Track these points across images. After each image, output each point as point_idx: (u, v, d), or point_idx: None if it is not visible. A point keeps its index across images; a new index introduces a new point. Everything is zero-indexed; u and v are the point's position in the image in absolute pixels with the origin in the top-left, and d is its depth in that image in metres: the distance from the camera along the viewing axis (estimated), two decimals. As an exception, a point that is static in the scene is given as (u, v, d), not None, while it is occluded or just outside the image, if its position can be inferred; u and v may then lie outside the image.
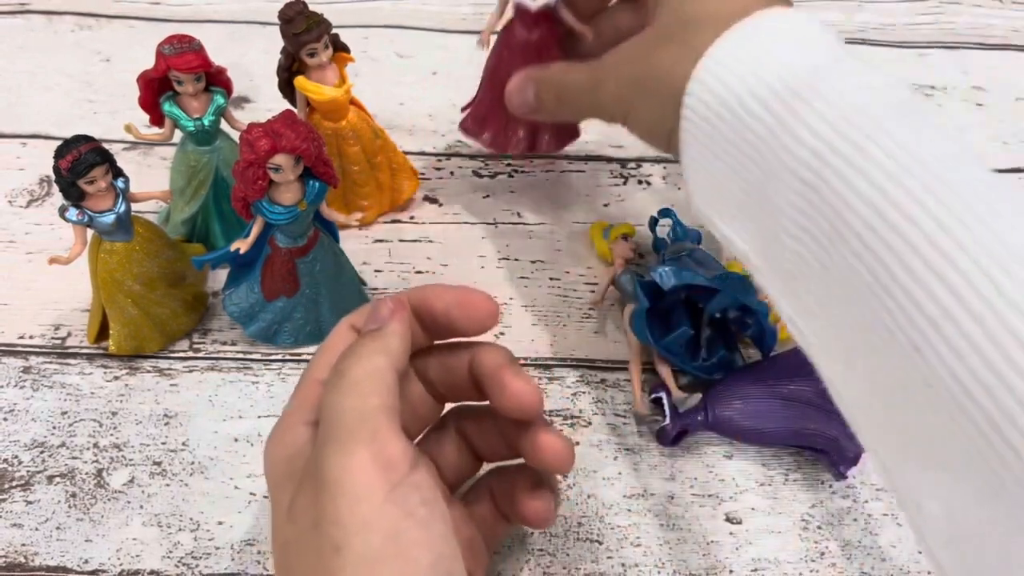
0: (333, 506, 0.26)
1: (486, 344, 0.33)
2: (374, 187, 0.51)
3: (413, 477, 0.27)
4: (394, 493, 0.27)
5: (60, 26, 0.65)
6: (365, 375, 0.29)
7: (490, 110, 0.49)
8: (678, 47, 0.32)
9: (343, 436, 0.27)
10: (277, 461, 0.30)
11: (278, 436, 0.31)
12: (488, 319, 0.32)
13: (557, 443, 0.32)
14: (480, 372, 0.32)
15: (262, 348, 0.46)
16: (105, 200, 0.40)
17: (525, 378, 0.31)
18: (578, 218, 0.52)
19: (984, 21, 0.67)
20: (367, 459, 0.27)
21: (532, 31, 0.45)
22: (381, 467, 0.27)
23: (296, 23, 0.43)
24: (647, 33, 0.35)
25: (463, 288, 0.33)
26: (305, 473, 0.28)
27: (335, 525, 0.26)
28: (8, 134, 0.57)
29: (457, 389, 0.34)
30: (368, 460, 0.27)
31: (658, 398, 0.42)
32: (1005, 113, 0.60)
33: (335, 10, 0.64)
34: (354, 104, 0.48)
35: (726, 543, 0.39)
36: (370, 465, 0.27)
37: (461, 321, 0.32)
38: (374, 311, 0.31)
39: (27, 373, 0.45)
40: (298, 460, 0.29)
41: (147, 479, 0.41)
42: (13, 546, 0.39)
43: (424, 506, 0.27)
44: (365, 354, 0.30)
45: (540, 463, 0.32)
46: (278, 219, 0.40)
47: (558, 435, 0.32)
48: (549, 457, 0.32)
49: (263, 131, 0.37)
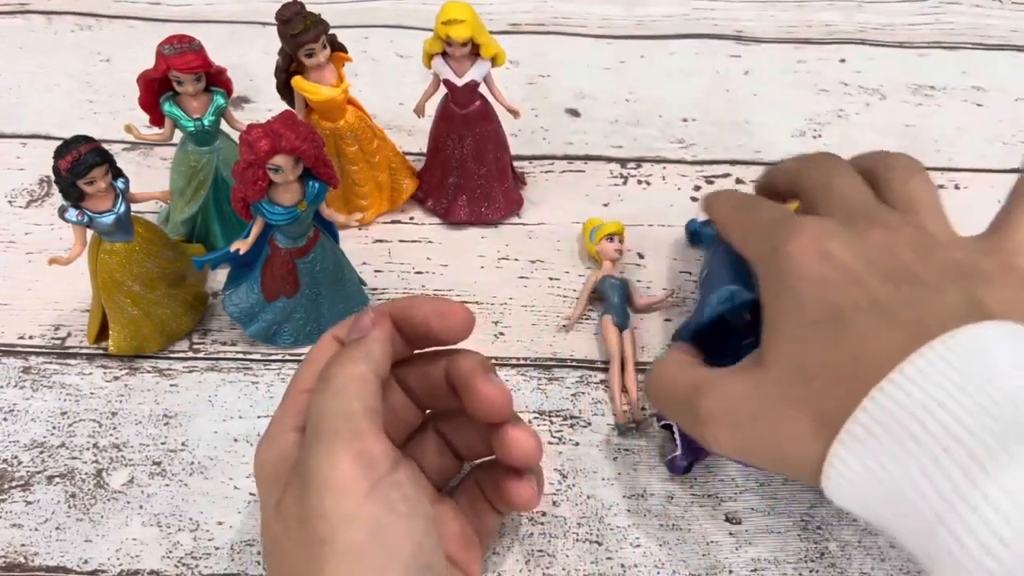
0: (319, 501, 0.28)
1: (462, 351, 0.35)
2: (373, 187, 0.51)
3: (394, 475, 0.29)
4: (376, 489, 0.28)
5: (60, 26, 0.65)
6: (349, 380, 0.31)
7: (434, 179, 0.51)
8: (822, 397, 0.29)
9: (328, 436, 0.29)
10: (265, 463, 0.32)
11: (267, 440, 0.33)
12: (463, 329, 0.34)
13: (522, 437, 0.34)
14: (454, 378, 0.34)
15: (262, 348, 0.46)
16: (105, 200, 0.40)
17: (495, 382, 0.33)
18: (578, 218, 0.52)
19: (984, 21, 0.67)
20: (350, 457, 0.28)
21: (463, 106, 0.48)
22: (363, 465, 0.28)
23: (294, 24, 0.43)
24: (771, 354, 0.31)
25: (441, 299, 0.35)
26: (292, 473, 0.30)
27: (320, 519, 0.28)
28: (8, 134, 0.57)
29: (436, 396, 0.36)
30: (351, 458, 0.28)
31: (668, 424, 0.41)
32: (1005, 113, 0.60)
33: (335, 10, 0.64)
34: (352, 104, 0.48)
35: (725, 543, 0.39)
36: (353, 463, 0.28)
37: (439, 330, 0.34)
38: (356, 322, 0.33)
39: (27, 373, 0.45)
40: (285, 462, 0.31)
41: (147, 479, 0.41)
42: (13, 546, 0.39)
43: (405, 502, 0.29)
44: (349, 361, 0.31)
45: (508, 458, 0.34)
46: (278, 220, 0.40)
47: (525, 429, 0.34)
48: (515, 451, 0.34)
49: (263, 132, 0.37)
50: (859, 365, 0.28)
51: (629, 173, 0.56)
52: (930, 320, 0.28)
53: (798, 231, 0.31)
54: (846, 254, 0.30)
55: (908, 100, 0.61)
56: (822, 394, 0.29)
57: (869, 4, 0.68)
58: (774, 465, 0.32)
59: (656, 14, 0.67)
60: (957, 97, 0.61)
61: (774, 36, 0.65)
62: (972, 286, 0.29)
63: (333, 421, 0.29)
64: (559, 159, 0.56)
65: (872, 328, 0.28)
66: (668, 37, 0.65)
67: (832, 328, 0.29)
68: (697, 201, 0.54)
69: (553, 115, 0.59)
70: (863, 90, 0.61)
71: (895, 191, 0.34)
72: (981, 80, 0.62)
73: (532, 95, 0.60)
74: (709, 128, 0.58)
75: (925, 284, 0.29)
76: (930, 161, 0.40)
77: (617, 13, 0.67)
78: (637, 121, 0.59)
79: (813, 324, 0.30)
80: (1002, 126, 0.59)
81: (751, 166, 0.56)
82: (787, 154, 0.56)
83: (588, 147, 0.57)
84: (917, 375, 0.26)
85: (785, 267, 0.31)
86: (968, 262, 0.30)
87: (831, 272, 0.30)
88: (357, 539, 0.27)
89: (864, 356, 0.28)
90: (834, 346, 0.29)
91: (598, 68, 0.62)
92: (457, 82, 0.46)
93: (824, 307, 0.29)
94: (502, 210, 0.52)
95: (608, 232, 0.48)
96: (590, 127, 0.58)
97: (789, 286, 0.31)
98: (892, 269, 0.30)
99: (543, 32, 0.65)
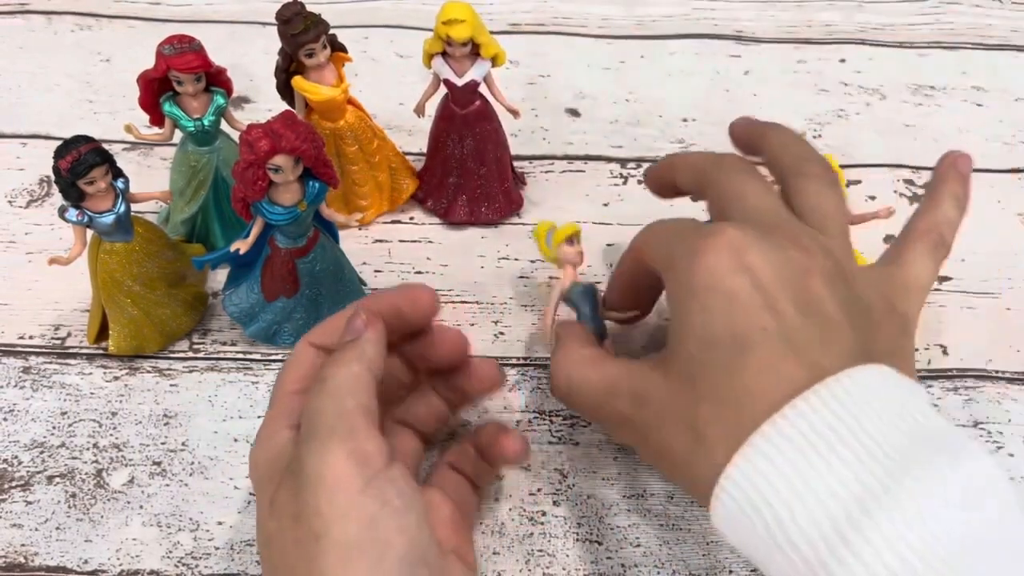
0: (313, 498, 0.28)
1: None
2: (373, 187, 0.51)
3: (389, 472, 0.30)
4: (370, 485, 0.29)
5: (60, 26, 0.65)
6: (344, 379, 0.31)
7: (434, 179, 0.51)
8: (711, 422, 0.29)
9: (323, 434, 0.29)
10: (260, 463, 0.32)
11: (260, 441, 0.33)
12: (430, 308, 0.36)
13: (483, 366, 0.38)
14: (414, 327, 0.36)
15: (262, 348, 0.46)
16: (105, 200, 0.40)
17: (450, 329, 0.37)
18: (578, 218, 0.52)
19: (984, 21, 0.67)
20: (344, 454, 0.29)
21: (463, 106, 0.48)
22: (357, 462, 0.29)
23: (294, 24, 0.43)
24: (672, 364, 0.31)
25: (405, 287, 0.36)
26: (287, 471, 0.30)
27: (315, 516, 0.28)
28: (8, 134, 0.57)
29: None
30: (345, 455, 0.29)
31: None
32: (1005, 113, 0.60)
33: (335, 10, 0.64)
34: (352, 104, 0.48)
35: (726, 543, 0.39)
36: (347, 460, 0.29)
37: (410, 314, 0.35)
38: (349, 324, 0.34)
39: (27, 373, 0.45)
40: (280, 461, 0.31)
41: (147, 479, 0.41)
42: (13, 546, 0.39)
43: (399, 497, 0.29)
44: (344, 361, 0.32)
45: (474, 388, 0.38)
46: (278, 220, 0.40)
47: (483, 360, 0.38)
48: (475, 380, 0.37)
49: (263, 132, 0.37)
50: (752, 398, 0.28)
51: (629, 173, 0.56)
52: (826, 361, 0.28)
53: (716, 235, 0.31)
54: (764, 268, 0.30)
55: (908, 100, 0.61)
56: (710, 420, 0.29)
57: (869, 4, 0.68)
58: (671, 478, 0.34)
59: (656, 14, 0.67)
60: (957, 97, 0.61)
61: (774, 36, 0.65)
62: (865, 328, 0.30)
63: (328, 420, 0.30)
64: (559, 159, 0.56)
65: (773, 360, 0.28)
66: (668, 37, 0.65)
67: (733, 354, 0.29)
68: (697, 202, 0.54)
69: (553, 115, 0.59)
70: (863, 90, 0.61)
71: (807, 203, 0.34)
72: (981, 80, 0.62)
73: (532, 95, 0.60)
74: (709, 128, 0.58)
75: (829, 321, 0.29)
76: (930, 161, 0.40)
77: (617, 13, 0.67)
78: (637, 121, 0.59)
79: (715, 345, 0.29)
80: (1002, 126, 0.59)
81: (751, 166, 0.56)
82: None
83: (588, 147, 0.57)
84: (809, 412, 0.27)
85: (699, 276, 0.30)
86: (864, 302, 0.31)
87: (746, 288, 0.29)
88: (352, 534, 0.28)
89: (759, 390, 0.28)
90: (731, 374, 0.29)
91: (598, 68, 0.62)
92: (457, 82, 0.46)
93: (730, 329, 0.29)
94: (502, 210, 0.52)
95: (566, 235, 0.42)
96: (590, 127, 0.58)
97: (700, 298, 0.30)
98: (804, 299, 0.29)
99: (543, 32, 0.65)
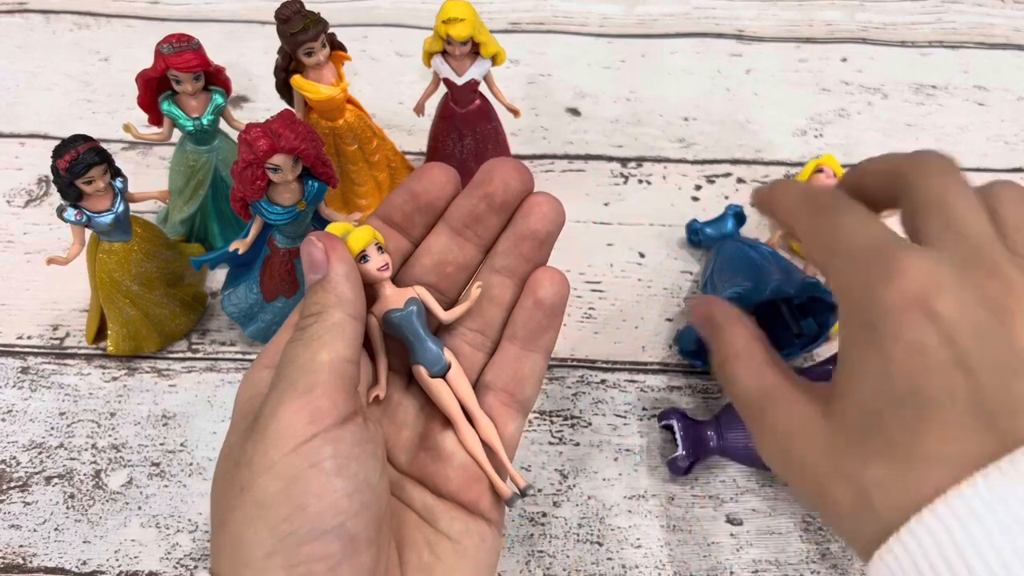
0: (251, 448, 0.28)
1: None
2: (372, 186, 0.50)
3: (337, 431, 0.28)
4: (307, 444, 0.27)
5: (58, 25, 0.65)
6: (324, 330, 0.29)
7: None
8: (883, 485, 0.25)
9: (284, 385, 0.28)
10: (240, 401, 0.31)
11: (245, 378, 0.32)
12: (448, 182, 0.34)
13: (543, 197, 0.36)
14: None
15: (261, 348, 0.46)
16: (103, 200, 0.40)
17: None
18: (578, 217, 0.52)
19: (985, 20, 0.67)
20: (295, 409, 0.28)
21: (463, 105, 0.48)
22: (305, 418, 0.27)
23: (293, 23, 0.43)
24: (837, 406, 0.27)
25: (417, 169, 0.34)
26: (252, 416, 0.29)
27: (247, 466, 0.27)
28: (6, 134, 0.57)
29: None
30: (295, 410, 0.28)
31: (669, 424, 0.41)
32: (1006, 112, 0.59)
33: (334, 9, 0.64)
34: (351, 103, 0.48)
35: (727, 544, 0.39)
36: (296, 414, 0.27)
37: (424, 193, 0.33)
38: (309, 259, 0.30)
39: (25, 374, 0.45)
40: (256, 401, 0.30)
41: (145, 480, 0.41)
42: (11, 547, 0.38)
43: (333, 459, 0.27)
44: (320, 309, 0.30)
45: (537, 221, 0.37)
46: (277, 219, 0.40)
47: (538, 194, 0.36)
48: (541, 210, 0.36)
49: (262, 131, 0.37)
50: (933, 465, 0.24)
51: (630, 172, 0.55)
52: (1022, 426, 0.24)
53: (902, 273, 0.26)
54: (955, 315, 0.25)
55: (910, 99, 0.60)
56: (882, 482, 0.25)
57: (871, 3, 0.68)
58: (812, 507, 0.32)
59: (657, 13, 0.67)
60: (959, 96, 0.61)
61: (775, 35, 0.65)
62: None
63: (292, 372, 0.29)
64: (559, 158, 0.56)
65: (961, 429, 0.24)
66: (669, 36, 0.65)
67: (915, 414, 0.25)
68: (697, 201, 0.54)
69: (553, 114, 0.59)
70: (865, 89, 0.61)
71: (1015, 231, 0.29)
72: (983, 79, 0.62)
73: (532, 94, 0.60)
74: (710, 127, 0.58)
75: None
76: (932, 161, 0.40)
77: (617, 12, 0.66)
78: (638, 120, 0.58)
79: (894, 400, 0.26)
80: (1004, 125, 0.59)
81: (752, 165, 0.56)
82: (789, 154, 0.56)
83: (588, 146, 0.57)
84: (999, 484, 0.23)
85: (880, 320, 0.26)
86: None
87: (933, 341, 0.25)
88: (269, 491, 0.27)
89: (942, 457, 0.24)
90: (911, 435, 0.25)
91: (598, 67, 0.62)
92: (457, 81, 0.46)
93: (913, 385, 0.25)
94: None
95: (362, 245, 0.31)
96: (590, 126, 0.58)
97: (879, 345, 0.26)
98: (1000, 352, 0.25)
99: (543, 31, 0.65)
